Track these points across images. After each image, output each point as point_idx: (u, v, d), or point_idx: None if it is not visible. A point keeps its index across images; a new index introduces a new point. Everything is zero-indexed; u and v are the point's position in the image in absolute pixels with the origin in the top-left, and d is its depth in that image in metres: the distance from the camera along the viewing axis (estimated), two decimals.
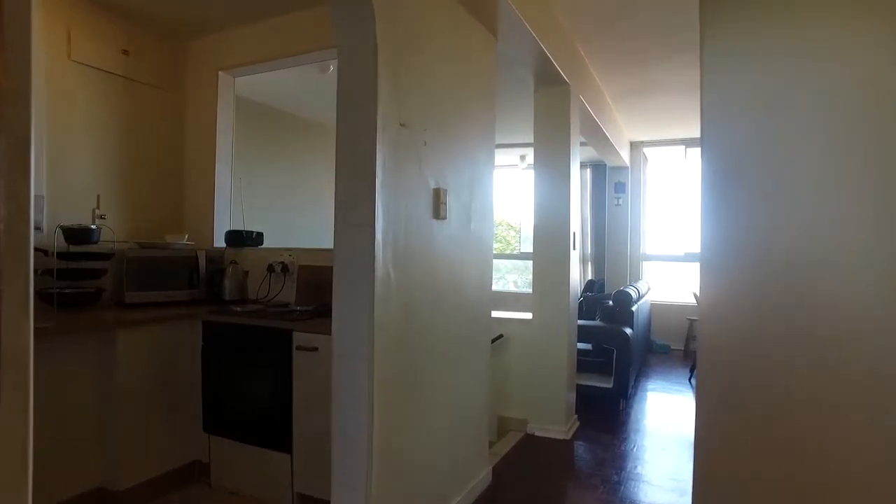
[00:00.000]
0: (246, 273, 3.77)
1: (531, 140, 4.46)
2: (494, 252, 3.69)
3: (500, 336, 4.37)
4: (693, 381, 6.01)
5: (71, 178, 3.59)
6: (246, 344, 3.08)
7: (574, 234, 4.36)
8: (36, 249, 3.40)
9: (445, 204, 2.70)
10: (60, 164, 3.52)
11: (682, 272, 8.26)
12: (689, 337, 7.45)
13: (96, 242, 3.40)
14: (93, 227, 3.37)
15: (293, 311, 3.22)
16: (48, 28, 3.44)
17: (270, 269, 3.73)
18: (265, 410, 3.02)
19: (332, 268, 2.28)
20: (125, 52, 3.85)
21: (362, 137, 2.20)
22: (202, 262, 3.70)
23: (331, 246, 2.33)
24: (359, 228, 2.20)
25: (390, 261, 2.28)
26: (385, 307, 2.26)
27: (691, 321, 7.36)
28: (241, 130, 4.59)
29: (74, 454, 2.80)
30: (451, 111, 2.84)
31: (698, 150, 2.11)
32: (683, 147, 8.03)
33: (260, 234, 4.06)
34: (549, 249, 4.29)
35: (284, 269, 3.70)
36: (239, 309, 3.23)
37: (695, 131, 6.51)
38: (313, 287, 3.54)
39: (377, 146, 2.18)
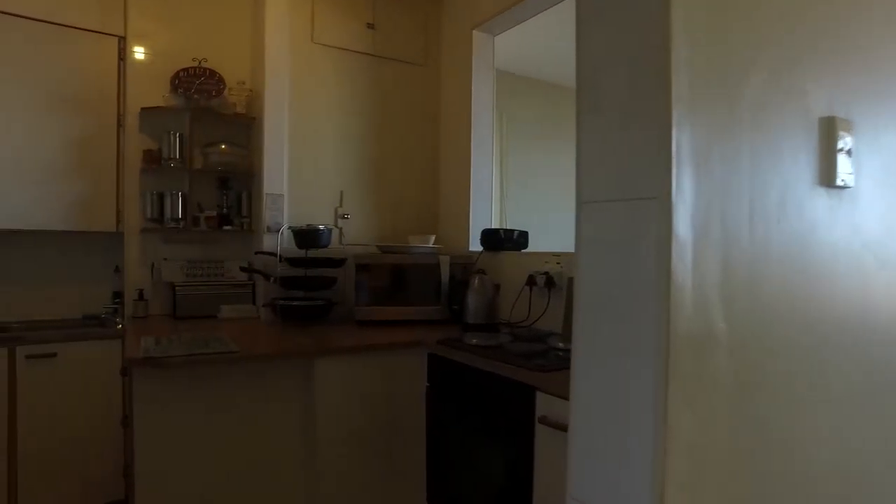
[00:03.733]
0: (497, 287, 2.79)
1: None
2: None
3: None
4: None
5: (312, 173, 3.15)
6: (475, 394, 2.08)
7: None
8: (265, 254, 2.88)
9: (848, 155, 1.19)
10: (301, 159, 3.10)
11: None
12: None
13: (326, 246, 2.85)
14: (320, 227, 2.82)
15: (549, 351, 2.09)
16: (293, 10, 3.05)
17: (531, 281, 2.68)
18: (498, 492, 1.96)
19: None
20: (370, 25, 3.29)
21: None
22: (444, 271, 2.86)
23: None
24: (631, 208, 0.95)
25: (712, 278, 0.95)
26: (695, 385, 0.94)
27: None
28: (504, 106, 3.68)
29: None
30: None
31: None
32: None
33: (524, 235, 3.05)
34: None
35: (549, 282, 2.61)
36: (475, 341, 2.25)
37: None
38: None
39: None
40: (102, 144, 2.94)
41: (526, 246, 3.05)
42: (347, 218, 3.22)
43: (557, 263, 2.64)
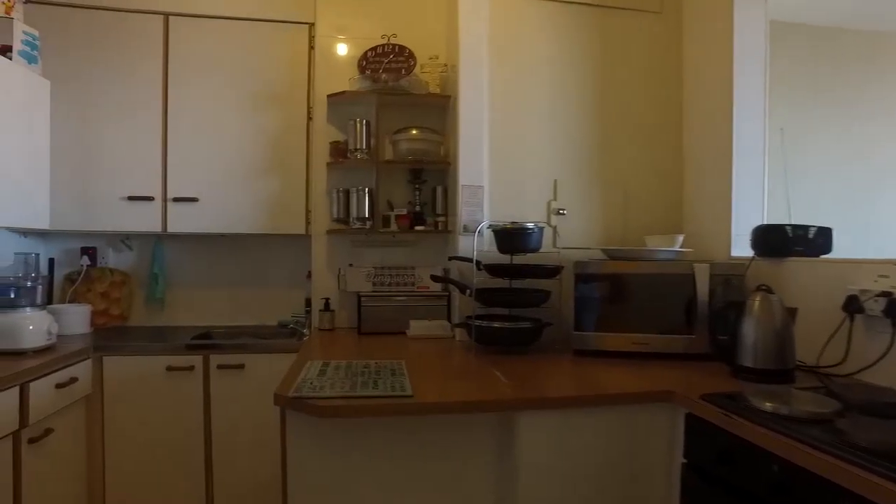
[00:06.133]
0: (793, 311, 1.84)
1: None
2: None
3: None
4: None
5: (518, 159, 2.52)
6: (771, 490, 1.21)
7: None
8: (461, 259, 2.31)
9: None
10: (505, 142, 2.50)
11: None
12: None
13: (536, 250, 2.19)
14: (530, 226, 2.17)
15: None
16: None
17: (852, 306, 1.70)
18: None
19: None
20: None
21: None
22: (702, 285, 1.99)
23: None
24: None
25: None
26: None
27: None
28: (779, 66, 2.62)
29: None
30: None
31: None
32: None
33: (824, 233, 2.05)
34: None
35: (892, 306, 1.60)
36: (768, 405, 1.36)
37: None
38: None
39: None
40: (293, 139, 2.71)
41: (829, 250, 2.03)
42: (563, 214, 2.53)
43: None
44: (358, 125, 2.55)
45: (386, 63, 2.60)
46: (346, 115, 2.63)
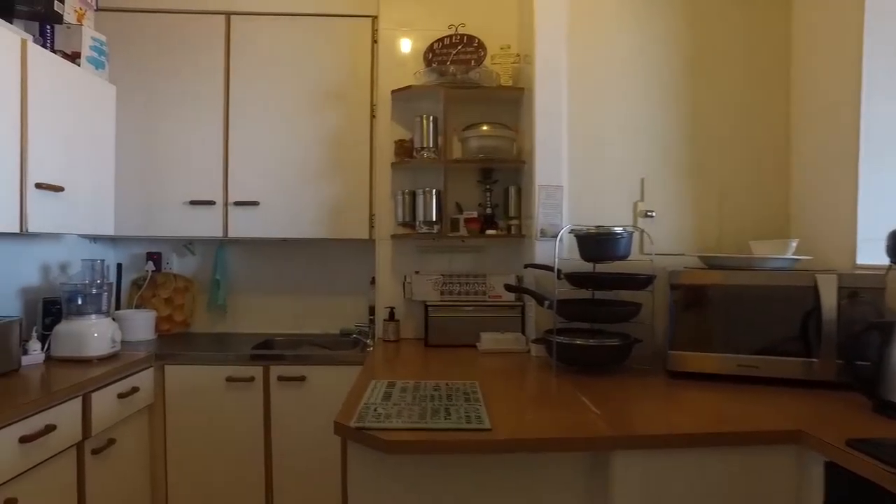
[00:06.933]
0: None
1: None
2: None
3: None
4: None
5: (601, 155, 2.29)
6: None
7: None
8: (537, 267, 2.07)
9: None
10: (585, 137, 2.27)
11: None
12: None
13: (623, 257, 1.95)
14: (617, 231, 1.93)
15: None
16: None
17: None
18: None
19: None
20: None
21: None
22: (827, 300, 1.69)
23: None
24: None
25: None
26: None
27: None
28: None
29: None
30: None
31: None
32: None
33: None
34: None
35: None
36: None
37: None
38: None
39: None
40: (356, 139, 2.57)
41: None
42: (652, 216, 2.26)
43: None
44: (424, 122, 2.38)
45: (454, 54, 2.42)
46: (411, 112, 2.47)
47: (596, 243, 1.95)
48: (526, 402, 1.55)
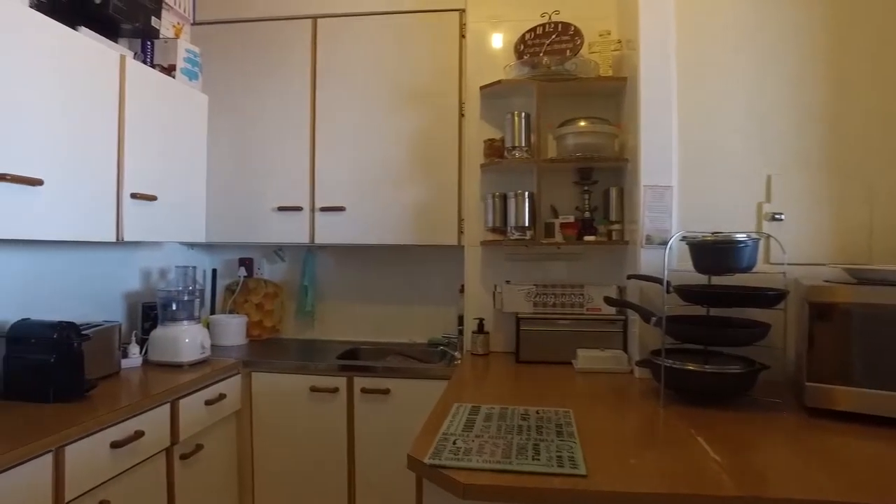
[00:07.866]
0: None
1: None
2: None
3: None
4: None
5: (716, 150, 2.00)
6: None
7: None
8: (642, 278, 1.84)
9: None
10: (696, 130, 1.99)
11: None
12: None
13: (747, 269, 1.66)
14: (740, 238, 1.65)
15: None
16: None
17: None
18: None
19: None
20: None
21: None
22: None
23: None
24: None
25: None
26: None
27: None
28: None
29: None
30: None
31: None
32: None
33: None
34: None
35: None
36: None
37: None
38: None
39: None
40: (443, 139, 2.45)
41: None
42: (780, 219, 1.94)
43: None
44: (516, 119, 2.21)
45: (548, 45, 2.22)
46: (502, 109, 2.30)
47: (713, 252, 1.67)
48: (629, 440, 1.33)
